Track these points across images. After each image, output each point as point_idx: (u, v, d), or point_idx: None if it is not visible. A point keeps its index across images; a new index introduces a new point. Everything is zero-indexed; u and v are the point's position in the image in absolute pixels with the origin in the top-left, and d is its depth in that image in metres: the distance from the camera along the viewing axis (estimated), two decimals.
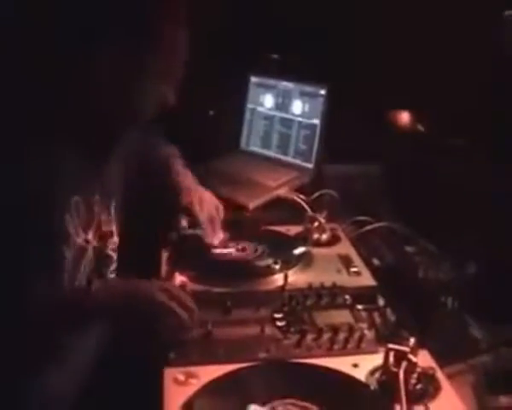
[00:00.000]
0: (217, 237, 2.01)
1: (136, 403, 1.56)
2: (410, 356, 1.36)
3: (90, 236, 1.64)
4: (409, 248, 2.04)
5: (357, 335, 1.55)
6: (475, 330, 1.66)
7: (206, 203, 2.01)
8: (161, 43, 1.53)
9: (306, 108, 2.62)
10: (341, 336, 1.55)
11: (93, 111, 1.56)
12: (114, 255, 1.77)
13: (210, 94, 2.83)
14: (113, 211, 1.74)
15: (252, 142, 2.81)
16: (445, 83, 2.28)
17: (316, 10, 2.69)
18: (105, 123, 1.59)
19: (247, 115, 2.83)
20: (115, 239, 1.76)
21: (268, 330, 1.59)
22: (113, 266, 1.77)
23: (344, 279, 1.81)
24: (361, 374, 1.44)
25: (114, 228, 1.75)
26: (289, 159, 2.66)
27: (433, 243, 2.02)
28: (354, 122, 2.45)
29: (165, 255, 1.95)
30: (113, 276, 1.77)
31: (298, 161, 2.62)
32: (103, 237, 1.70)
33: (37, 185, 1.45)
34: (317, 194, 2.40)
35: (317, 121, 2.58)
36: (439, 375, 1.42)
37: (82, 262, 1.62)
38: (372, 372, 1.44)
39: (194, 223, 2.02)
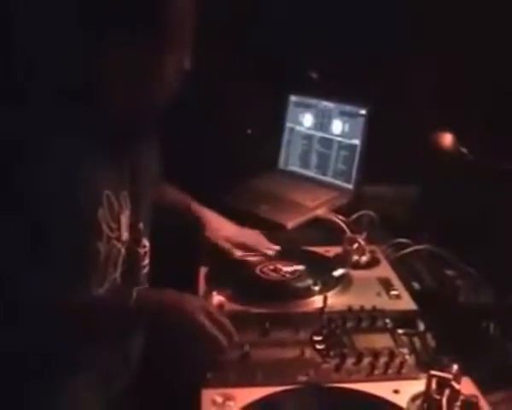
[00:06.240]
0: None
1: None
2: (454, 383, 1.34)
3: (122, 231, 1.62)
4: (449, 272, 2.01)
5: (398, 360, 1.53)
6: None
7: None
8: (168, 17, 1.50)
9: (346, 128, 2.60)
10: (382, 360, 1.53)
11: (117, 99, 1.55)
12: (144, 254, 1.75)
13: (249, 113, 2.83)
14: (142, 210, 1.72)
15: (290, 161, 2.80)
16: (487, 104, 2.25)
17: (357, 31, 2.68)
18: (130, 109, 1.57)
19: (286, 135, 2.82)
20: (145, 240, 1.74)
21: (307, 353, 1.57)
22: (144, 264, 1.75)
23: (384, 302, 1.79)
24: (402, 401, 1.41)
25: (143, 226, 1.72)
26: (328, 179, 2.64)
27: (474, 267, 1.99)
28: (394, 143, 2.43)
29: (202, 273, 1.94)
30: (144, 272, 1.75)
31: (337, 182, 2.60)
32: (134, 234, 1.68)
33: (69, 179, 1.44)
34: (356, 215, 2.38)
35: (357, 141, 2.56)
36: (483, 403, 1.39)
37: (114, 257, 1.61)
38: (413, 399, 1.41)
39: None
